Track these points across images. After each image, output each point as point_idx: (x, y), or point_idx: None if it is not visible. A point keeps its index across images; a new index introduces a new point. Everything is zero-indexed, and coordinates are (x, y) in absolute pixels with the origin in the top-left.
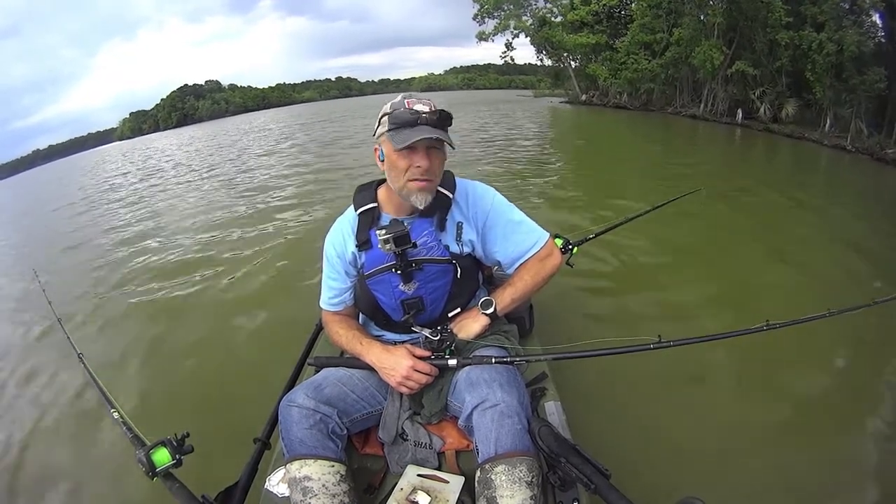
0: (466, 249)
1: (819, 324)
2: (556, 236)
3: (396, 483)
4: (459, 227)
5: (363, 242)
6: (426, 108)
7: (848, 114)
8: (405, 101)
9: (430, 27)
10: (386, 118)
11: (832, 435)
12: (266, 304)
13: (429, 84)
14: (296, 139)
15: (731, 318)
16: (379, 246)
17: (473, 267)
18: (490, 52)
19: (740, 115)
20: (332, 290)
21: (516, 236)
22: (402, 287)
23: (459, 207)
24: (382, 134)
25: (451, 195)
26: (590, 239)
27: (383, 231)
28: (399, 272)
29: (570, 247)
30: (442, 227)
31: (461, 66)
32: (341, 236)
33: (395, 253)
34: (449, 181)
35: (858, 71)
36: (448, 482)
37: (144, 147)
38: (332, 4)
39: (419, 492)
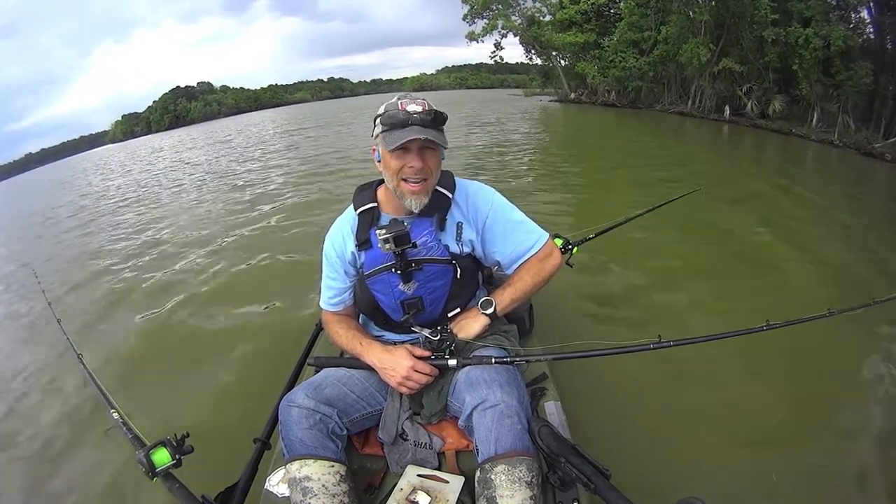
0: (466, 249)
1: (819, 323)
2: (556, 236)
3: (396, 483)
4: (459, 227)
5: (363, 242)
6: (419, 109)
7: (835, 109)
8: (399, 101)
9: (423, 27)
10: (380, 119)
11: (832, 435)
12: (266, 305)
13: (421, 84)
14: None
15: (731, 317)
16: (379, 246)
17: (473, 267)
18: (482, 52)
19: (728, 111)
20: (332, 290)
21: (516, 236)
22: (401, 287)
23: (459, 207)
24: (378, 135)
25: (450, 195)
26: (589, 239)
27: (383, 231)
28: (399, 272)
29: (570, 247)
30: (442, 226)
31: (453, 66)
32: (341, 236)
33: (394, 253)
34: (448, 181)
35: (846, 66)
36: (448, 482)
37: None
38: (327, 5)
39: (419, 492)
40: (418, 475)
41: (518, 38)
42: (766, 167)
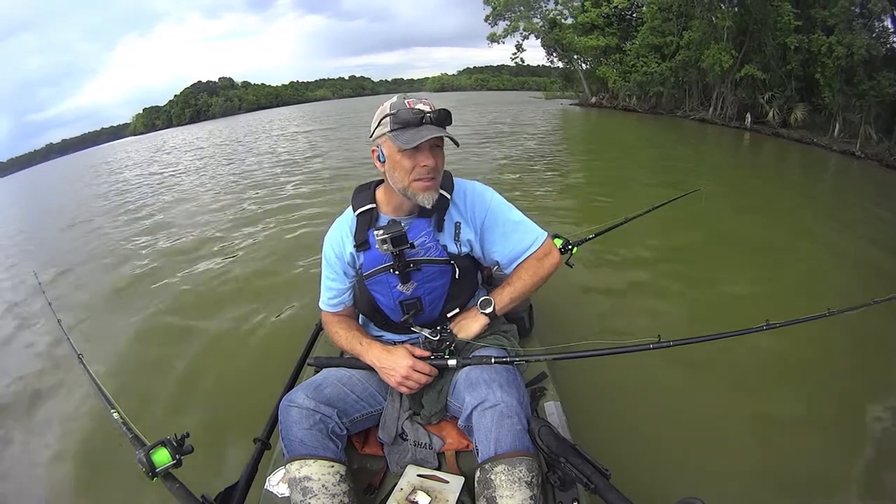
0: (465, 249)
1: (818, 323)
2: (556, 236)
3: (396, 483)
4: (457, 226)
5: (361, 243)
6: (428, 108)
7: (857, 119)
8: (405, 101)
9: (447, 28)
10: (388, 119)
11: (831, 435)
12: (266, 305)
13: (442, 84)
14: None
15: (731, 317)
16: (377, 246)
17: (472, 267)
18: (504, 54)
19: (749, 119)
20: (332, 290)
21: (515, 236)
22: (400, 288)
23: (457, 207)
24: (383, 135)
25: (448, 195)
26: (589, 239)
27: (381, 231)
28: (397, 273)
29: (570, 247)
30: (440, 227)
31: (475, 67)
32: (340, 237)
33: (392, 253)
34: (447, 181)
35: (869, 76)
36: (448, 482)
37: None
38: (351, 3)
39: (419, 492)
40: (418, 475)
41: (539, 40)
42: (780, 174)
